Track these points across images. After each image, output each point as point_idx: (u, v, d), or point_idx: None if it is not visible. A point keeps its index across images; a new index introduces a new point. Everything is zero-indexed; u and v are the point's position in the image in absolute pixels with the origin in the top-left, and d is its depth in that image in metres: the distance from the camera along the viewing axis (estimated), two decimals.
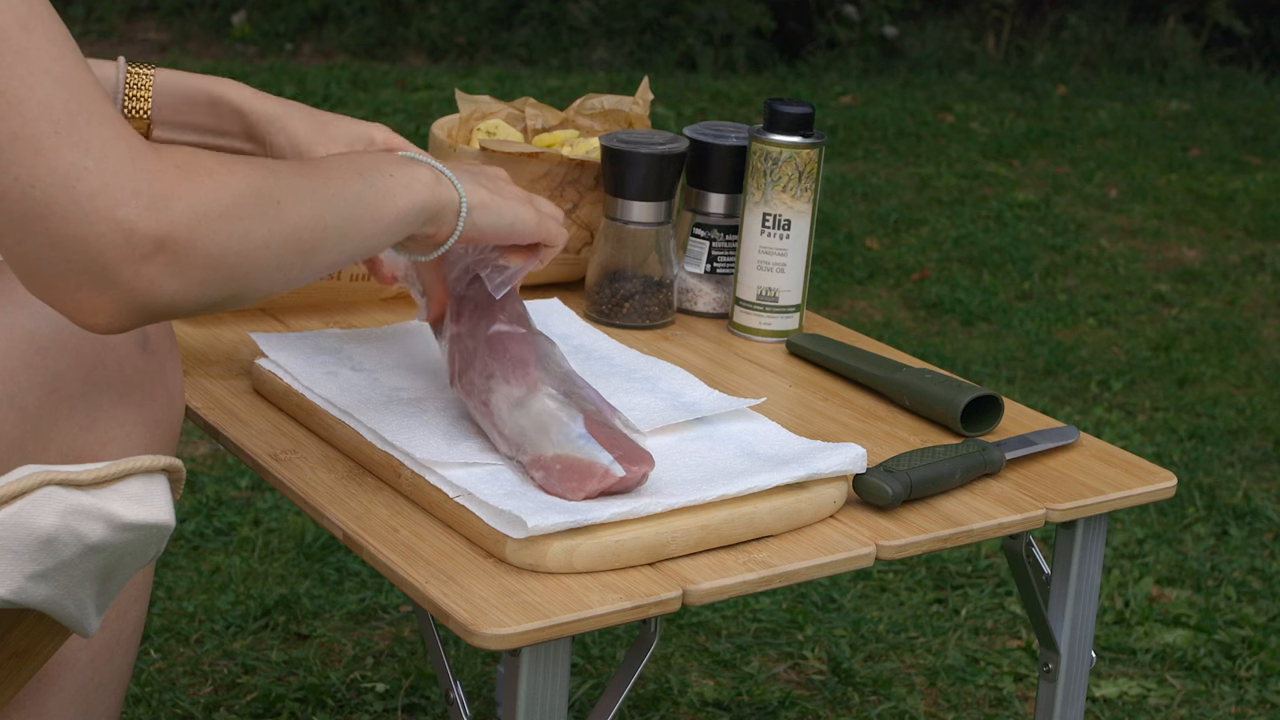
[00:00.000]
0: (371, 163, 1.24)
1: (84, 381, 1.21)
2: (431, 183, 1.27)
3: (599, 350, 1.57)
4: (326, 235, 1.15)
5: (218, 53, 6.49)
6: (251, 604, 2.36)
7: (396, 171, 1.24)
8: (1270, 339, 3.81)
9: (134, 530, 1.14)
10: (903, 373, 1.56)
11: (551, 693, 1.18)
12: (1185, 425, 3.22)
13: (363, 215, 1.20)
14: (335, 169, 1.20)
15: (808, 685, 2.27)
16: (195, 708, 2.13)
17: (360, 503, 1.30)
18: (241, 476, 2.74)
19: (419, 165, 1.28)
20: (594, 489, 1.25)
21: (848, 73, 6.63)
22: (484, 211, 1.31)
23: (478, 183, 1.32)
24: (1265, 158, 5.52)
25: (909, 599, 2.49)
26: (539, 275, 1.78)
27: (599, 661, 2.28)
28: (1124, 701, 2.27)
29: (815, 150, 1.67)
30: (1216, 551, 2.71)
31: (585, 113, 1.88)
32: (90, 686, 1.36)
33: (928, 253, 4.29)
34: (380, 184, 1.22)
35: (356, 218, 1.19)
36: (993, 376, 3.42)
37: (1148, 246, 4.48)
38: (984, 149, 5.43)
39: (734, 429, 1.41)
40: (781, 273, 1.69)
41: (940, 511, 1.36)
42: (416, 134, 5.07)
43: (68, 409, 1.20)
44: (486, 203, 1.32)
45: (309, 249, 1.14)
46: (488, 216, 1.32)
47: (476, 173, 1.35)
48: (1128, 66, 6.86)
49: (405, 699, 2.18)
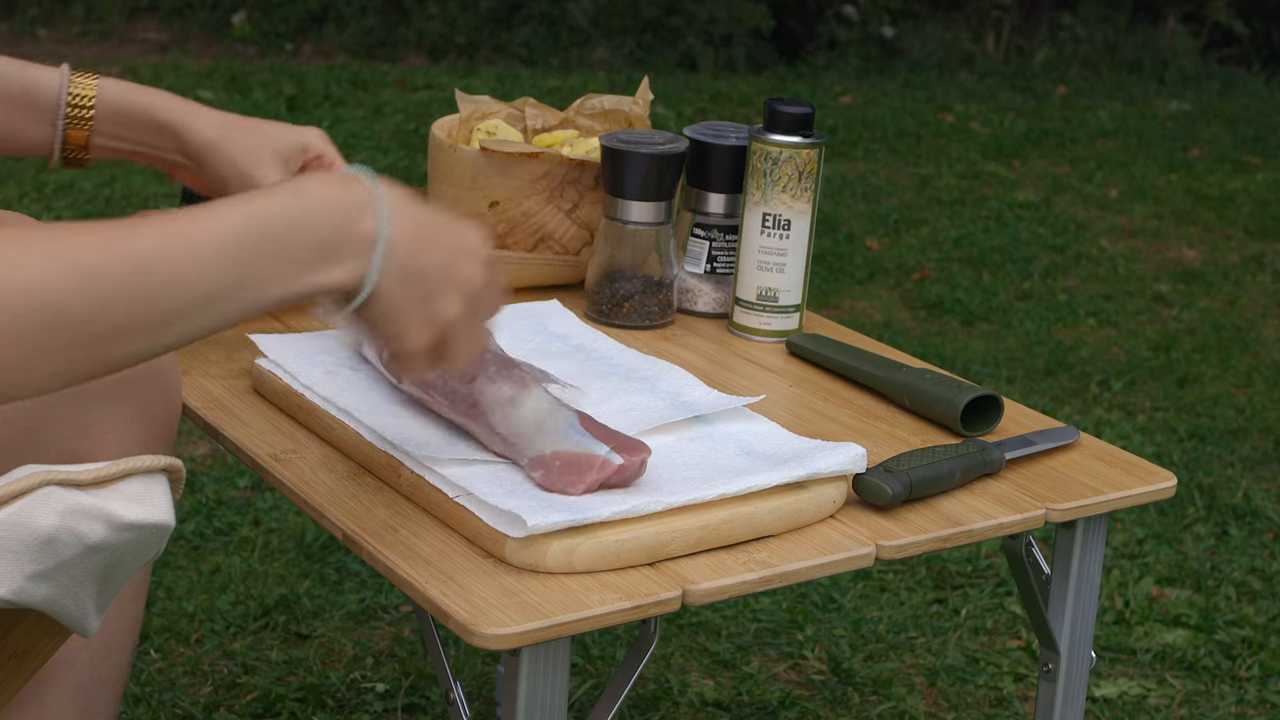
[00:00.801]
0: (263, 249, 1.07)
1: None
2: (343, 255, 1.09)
3: (599, 350, 1.57)
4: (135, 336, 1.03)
5: (218, 53, 6.49)
6: (251, 604, 2.36)
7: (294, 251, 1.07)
8: (1270, 339, 3.81)
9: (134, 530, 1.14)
10: (903, 373, 1.56)
11: (551, 693, 1.18)
12: (1185, 425, 3.22)
13: (234, 305, 1.06)
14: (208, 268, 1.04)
15: (808, 685, 2.27)
16: (195, 708, 2.13)
17: (360, 503, 1.30)
18: (241, 476, 2.74)
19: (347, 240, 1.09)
20: (594, 480, 1.25)
21: (847, 73, 6.63)
22: (380, 305, 1.12)
23: (408, 275, 1.11)
24: (1265, 158, 5.52)
25: (909, 599, 2.49)
26: (539, 275, 1.78)
27: (599, 661, 2.28)
28: (1124, 701, 2.27)
29: (815, 150, 1.67)
30: (1216, 551, 2.71)
31: (585, 113, 1.88)
32: (89, 684, 1.36)
33: (928, 253, 4.29)
34: (260, 274, 1.06)
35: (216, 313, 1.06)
36: (993, 376, 3.42)
37: (1148, 246, 4.48)
38: (984, 149, 5.43)
39: (734, 429, 1.41)
40: (781, 273, 1.69)
41: (940, 511, 1.36)
42: (416, 134, 5.08)
43: (63, 408, 1.20)
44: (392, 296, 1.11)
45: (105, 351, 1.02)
46: (378, 310, 1.12)
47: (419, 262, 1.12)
48: (1128, 66, 6.86)
49: (405, 699, 2.18)
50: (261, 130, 1.45)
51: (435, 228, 1.13)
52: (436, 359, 1.16)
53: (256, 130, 1.45)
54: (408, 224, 1.11)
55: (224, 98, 5.42)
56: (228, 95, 5.46)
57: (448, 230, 1.14)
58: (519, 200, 1.75)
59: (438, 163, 1.78)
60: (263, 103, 5.36)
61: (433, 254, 1.12)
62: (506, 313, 1.64)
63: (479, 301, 1.16)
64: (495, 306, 1.18)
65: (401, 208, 1.11)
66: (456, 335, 1.15)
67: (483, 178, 1.74)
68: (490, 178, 1.74)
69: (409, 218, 1.11)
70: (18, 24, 6.72)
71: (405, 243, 1.10)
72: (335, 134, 5.03)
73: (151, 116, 1.44)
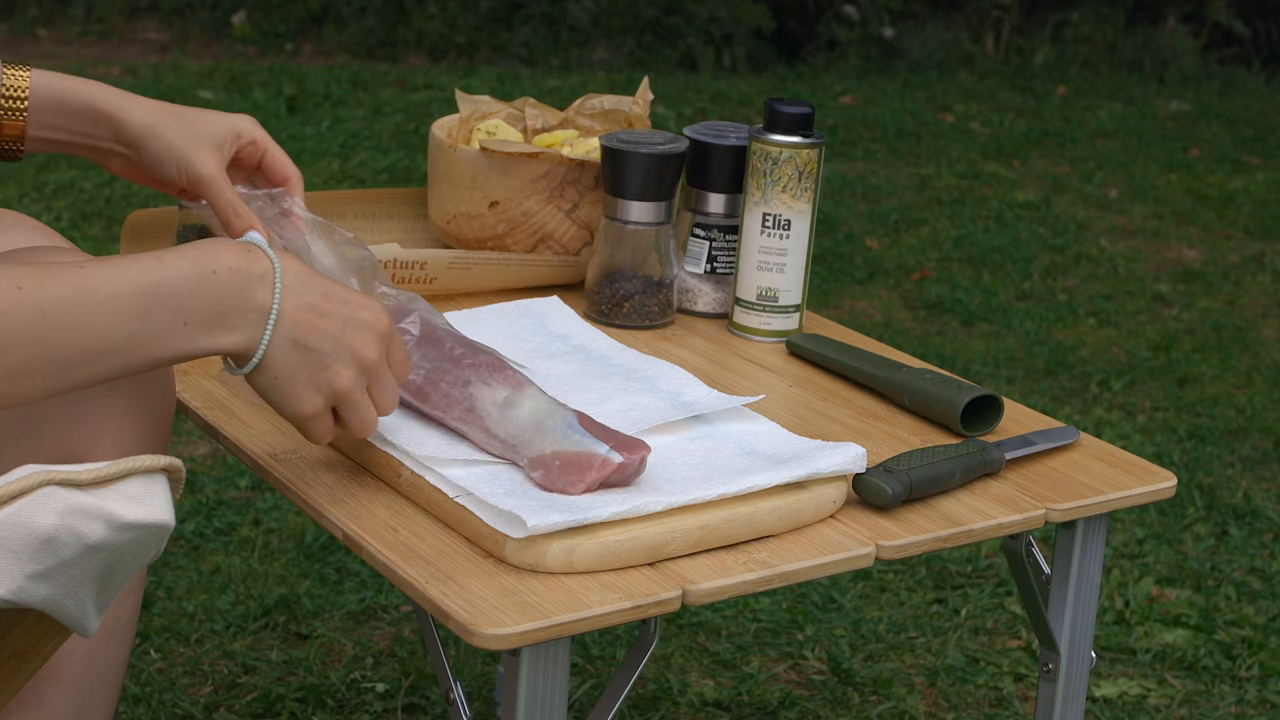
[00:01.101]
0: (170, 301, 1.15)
1: None
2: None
3: (599, 350, 1.57)
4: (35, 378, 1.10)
5: (218, 53, 6.49)
6: (251, 604, 2.36)
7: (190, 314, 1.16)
8: (1270, 339, 3.81)
9: (134, 530, 1.14)
10: (903, 373, 1.56)
11: (551, 693, 1.18)
12: (1185, 425, 3.22)
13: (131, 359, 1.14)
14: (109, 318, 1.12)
15: (808, 685, 2.27)
16: (195, 708, 2.13)
17: (360, 503, 1.30)
18: (241, 476, 2.74)
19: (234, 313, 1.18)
20: (594, 479, 1.25)
21: (847, 73, 6.63)
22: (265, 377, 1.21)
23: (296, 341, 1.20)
24: (1265, 158, 5.52)
25: (909, 599, 2.49)
26: (539, 276, 1.78)
27: (599, 661, 2.28)
28: (1124, 701, 2.27)
29: (815, 150, 1.67)
30: (1216, 551, 2.71)
31: (585, 113, 1.88)
32: (87, 679, 1.36)
33: (928, 253, 4.29)
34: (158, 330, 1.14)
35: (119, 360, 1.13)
36: (993, 376, 3.42)
37: (1148, 246, 4.48)
38: (984, 149, 5.43)
39: (734, 428, 1.41)
40: (781, 273, 1.69)
41: (940, 511, 1.36)
42: (416, 134, 5.08)
43: (60, 402, 1.20)
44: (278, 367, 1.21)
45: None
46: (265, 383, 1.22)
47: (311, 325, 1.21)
48: (1128, 66, 6.86)
49: (405, 699, 2.18)
50: (197, 117, 1.46)
51: (330, 302, 1.22)
52: (335, 424, 1.25)
53: (192, 116, 1.46)
54: (301, 297, 1.20)
55: (224, 98, 5.42)
56: (228, 95, 5.46)
57: (343, 304, 1.22)
58: (519, 200, 1.75)
59: (438, 163, 1.78)
60: (263, 103, 5.36)
61: (324, 326, 1.21)
62: (506, 311, 1.65)
63: (372, 374, 1.24)
64: (390, 381, 1.26)
65: (297, 282, 1.20)
66: (350, 404, 1.24)
67: (483, 178, 1.74)
68: (490, 178, 1.74)
69: (303, 291, 1.20)
70: (18, 24, 6.72)
71: (296, 314, 1.20)
72: (335, 134, 5.03)
73: (87, 104, 1.44)
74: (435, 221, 1.81)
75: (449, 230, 1.79)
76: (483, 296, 1.76)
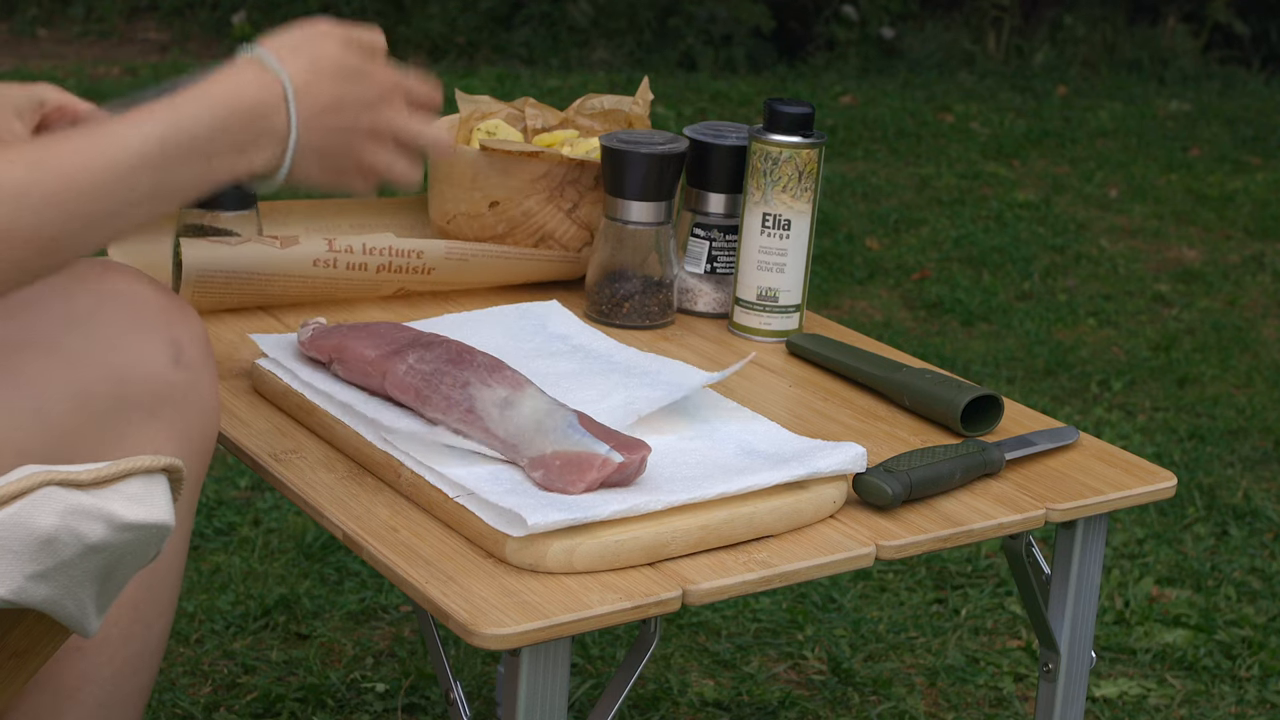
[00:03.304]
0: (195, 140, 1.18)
1: (113, 397, 1.21)
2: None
3: (599, 350, 1.57)
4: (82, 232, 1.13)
5: (218, 53, 6.49)
6: (251, 604, 2.36)
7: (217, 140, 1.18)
8: (1270, 339, 3.81)
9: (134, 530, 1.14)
10: (903, 373, 1.56)
11: (551, 693, 1.18)
12: (1185, 425, 3.22)
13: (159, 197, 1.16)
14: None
15: (808, 685, 2.27)
16: (195, 708, 2.13)
17: (360, 503, 1.30)
18: (241, 476, 2.74)
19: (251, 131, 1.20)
20: (594, 479, 1.25)
21: (847, 73, 6.63)
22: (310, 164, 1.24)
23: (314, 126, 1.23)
24: (1265, 158, 5.52)
25: (909, 599, 2.49)
26: (539, 272, 1.78)
27: (599, 661, 2.28)
28: (1124, 701, 2.27)
29: (815, 150, 1.67)
30: (1216, 551, 2.71)
31: (585, 113, 1.88)
32: (111, 702, 1.35)
33: (928, 253, 4.29)
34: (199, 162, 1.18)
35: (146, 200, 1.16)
36: (993, 376, 3.42)
37: (1148, 246, 4.48)
38: (984, 149, 5.43)
39: (733, 428, 1.41)
40: (781, 273, 1.69)
41: (940, 511, 1.36)
42: None
43: (96, 425, 1.20)
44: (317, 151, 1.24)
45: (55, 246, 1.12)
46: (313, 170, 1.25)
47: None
48: (1128, 66, 6.86)
49: (405, 699, 2.18)
50: None
51: (340, 88, 1.23)
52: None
53: None
54: (314, 106, 1.22)
55: None
56: None
57: (352, 86, 1.24)
58: (519, 200, 1.75)
59: (438, 163, 1.78)
60: None
61: (340, 124, 1.23)
62: (506, 314, 1.64)
63: (398, 132, 1.26)
64: (410, 122, 1.28)
65: (307, 92, 1.21)
66: (387, 169, 1.27)
67: (483, 178, 1.74)
68: (490, 178, 1.74)
69: (315, 96, 1.22)
70: (18, 24, 6.72)
71: (312, 123, 1.22)
72: None
73: None
74: (435, 221, 1.81)
75: (449, 230, 1.79)
76: (483, 296, 1.76)
